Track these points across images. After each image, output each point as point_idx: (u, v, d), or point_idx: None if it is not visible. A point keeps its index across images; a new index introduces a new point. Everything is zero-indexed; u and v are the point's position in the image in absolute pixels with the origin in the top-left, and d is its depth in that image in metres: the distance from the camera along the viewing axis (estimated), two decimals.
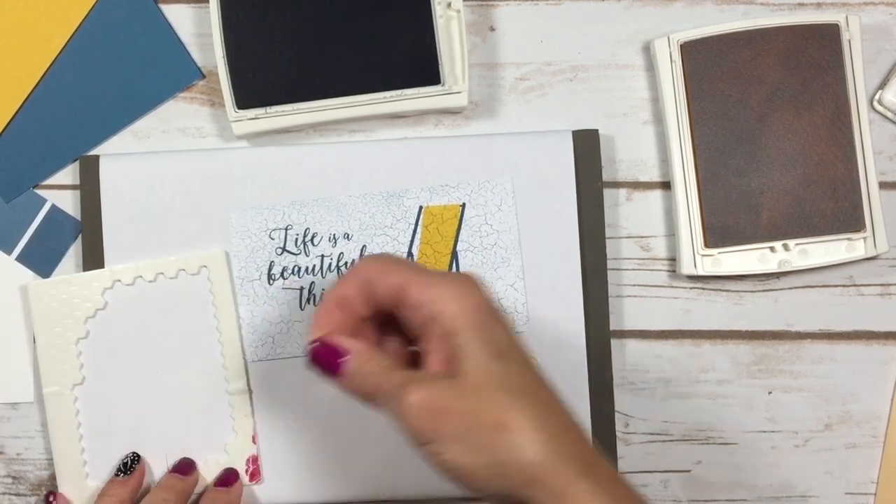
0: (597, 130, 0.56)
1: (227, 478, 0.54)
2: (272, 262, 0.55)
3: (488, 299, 0.42)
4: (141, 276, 0.55)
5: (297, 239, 0.55)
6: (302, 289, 0.55)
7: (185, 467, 0.54)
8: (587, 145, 0.56)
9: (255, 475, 0.54)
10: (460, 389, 0.40)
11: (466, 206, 0.56)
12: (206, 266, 0.55)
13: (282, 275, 0.55)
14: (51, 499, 0.54)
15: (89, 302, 0.54)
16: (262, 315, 0.55)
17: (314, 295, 0.55)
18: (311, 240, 0.55)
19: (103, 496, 0.53)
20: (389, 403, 0.41)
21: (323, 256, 0.55)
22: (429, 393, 0.40)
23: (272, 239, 0.55)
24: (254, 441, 0.54)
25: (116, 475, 0.54)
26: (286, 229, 0.55)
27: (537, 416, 0.40)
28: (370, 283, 0.43)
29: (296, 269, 0.55)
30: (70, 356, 0.54)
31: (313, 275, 0.55)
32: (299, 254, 0.55)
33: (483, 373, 0.40)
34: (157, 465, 0.55)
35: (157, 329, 0.55)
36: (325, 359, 0.43)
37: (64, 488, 0.54)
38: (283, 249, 0.55)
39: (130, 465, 0.54)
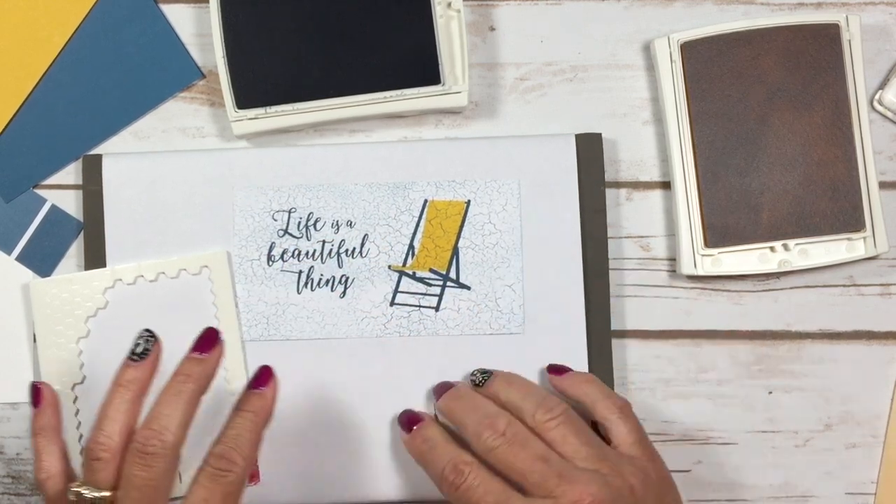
0: (600, 134, 0.56)
1: (261, 377, 0.49)
2: (273, 243, 0.56)
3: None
4: (142, 276, 0.55)
5: (299, 222, 0.56)
6: (300, 272, 0.55)
7: (205, 343, 0.48)
8: (590, 149, 0.56)
9: (254, 476, 0.54)
10: None
11: (471, 203, 0.56)
12: (207, 266, 0.55)
13: (281, 257, 0.56)
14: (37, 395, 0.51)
15: (90, 301, 0.54)
16: (258, 295, 0.55)
17: (312, 279, 0.55)
18: (314, 224, 0.55)
19: (119, 386, 0.47)
20: None
21: (324, 242, 0.55)
22: None
23: (275, 220, 0.56)
24: None
25: (131, 359, 0.47)
26: (290, 212, 0.55)
27: None
28: None
29: (296, 252, 0.56)
30: (71, 355, 0.54)
31: (313, 259, 0.55)
32: (301, 237, 0.55)
33: None
34: None
35: (158, 329, 0.54)
36: None
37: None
38: (285, 232, 0.55)
39: (145, 348, 0.48)
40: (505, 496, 0.47)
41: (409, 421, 0.53)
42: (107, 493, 0.45)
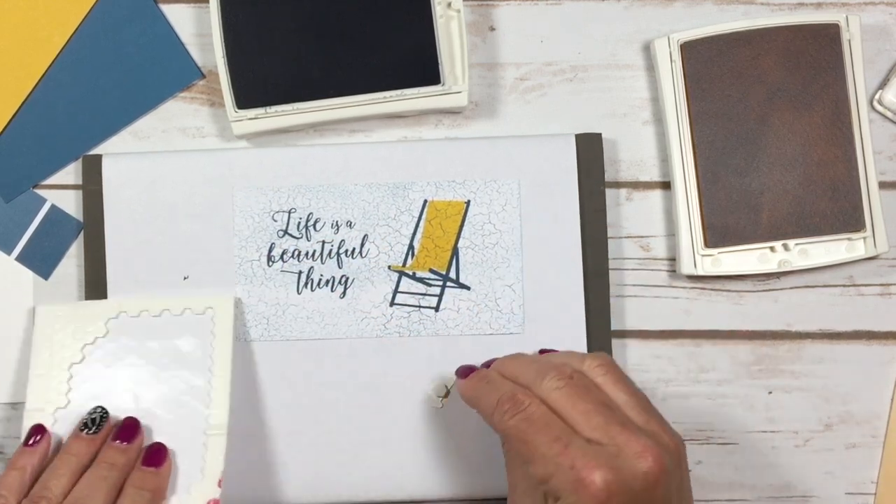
0: (600, 134, 0.56)
1: (155, 455, 0.52)
2: (273, 244, 0.56)
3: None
4: (146, 310, 0.54)
5: (299, 223, 0.56)
6: (300, 273, 0.55)
7: (127, 431, 0.52)
8: (590, 149, 0.56)
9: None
10: None
11: (471, 203, 0.56)
12: (212, 308, 0.54)
13: (281, 257, 0.56)
14: (38, 434, 0.52)
15: (91, 328, 0.54)
16: (258, 296, 0.55)
17: (312, 280, 0.55)
18: (314, 225, 0.56)
19: (70, 454, 0.51)
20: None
21: (324, 242, 0.56)
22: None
23: (275, 221, 0.56)
24: (219, 485, 0.52)
25: (81, 430, 0.52)
26: (289, 212, 0.56)
27: None
28: None
29: (296, 252, 0.56)
30: (60, 381, 0.54)
31: (313, 260, 0.55)
32: (300, 238, 0.56)
33: None
34: None
35: (151, 362, 0.54)
36: None
37: None
38: (285, 232, 0.56)
39: (98, 422, 0.52)
40: (567, 434, 0.43)
41: (468, 369, 0.51)
42: None
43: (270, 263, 0.56)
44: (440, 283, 0.55)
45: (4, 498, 0.49)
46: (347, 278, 0.55)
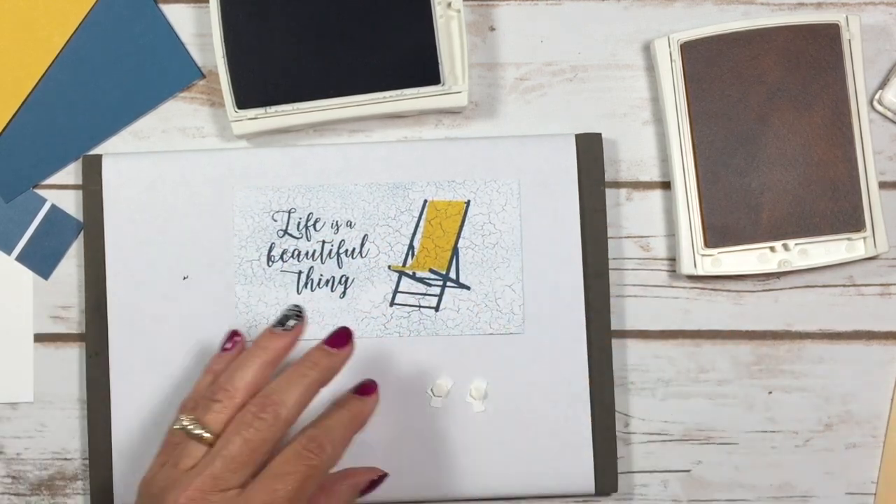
0: (600, 134, 0.56)
1: (366, 387, 0.51)
2: (273, 243, 0.56)
3: None
4: None
5: (299, 223, 0.56)
6: (300, 273, 0.55)
7: (338, 339, 0.50)
8: (590, 149, 0.56)
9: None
10: None
11: (471, 203, 0.56)
12: None
13: (281, 257, 0.56)
14: (234, 338, 0.52)
15: None
16: (258, 295, 0.55)
17: (312, 280, 0.55)
18: (314, 225, 0.56)
19: (259, 347, 0.49)
20: None
21: (324, 242, 0.56)
22: None
23: (274, 220, 0.56)
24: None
25: (275, 328, 0.50)
26: (289, 212, 0.56)
27: None
28: None
29: (296, 252, 0.56)
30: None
31: (312, 260, 0.55)
32: (300, 238, 0.56)
33: None
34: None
35: None
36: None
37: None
38: (285, 232, 0.56)
39: (294, 322, 0.50)
40: None
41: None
42: (208, 436, 0.46)
43: (270, 263, 0.56)
44: (440, 283, 0.55)
45: (194, 401, 0.49)
46: (347, 278, 0.55)
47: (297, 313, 0.51)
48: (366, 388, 0.51)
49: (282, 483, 0.45)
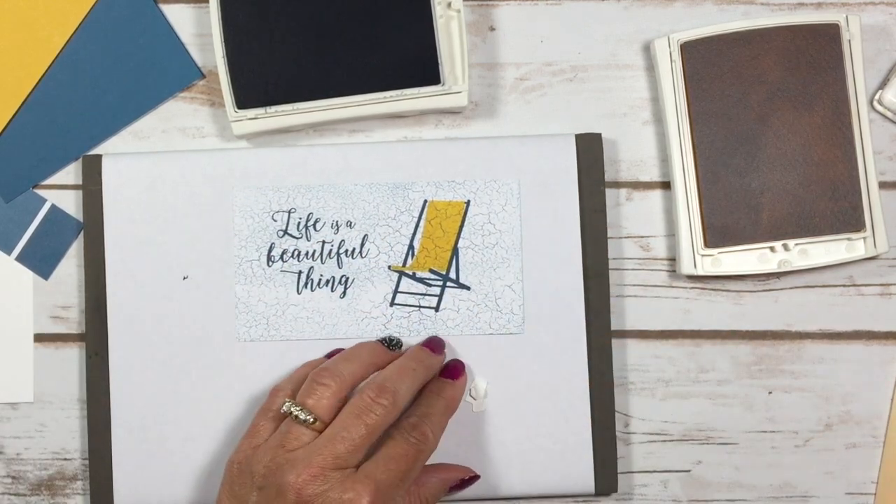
0: (600, 134, 0.56)
1: (453, 369, 0.53)
2: (273, 243, 0.56)
3: None
4: None
5: (299, 223, 0.56)
6: (300, 273, 0.55)
7: (435, 345, 0.54)
8: (590, 149, 0.56)
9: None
10: None
11: (471, 203, 0.56)
12: None
13: (281, 257, 0.56)
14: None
15: None
16: (258, 296, 0.55)
17: (312, 280, 0.55)
18: (314, 225, 0.56)
19: (364, 349, 0.52)
20: None
21: (324, 242, 0.56)
22: None
23: (274, 220, 0.56)
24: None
25: (382, 342, 0.54)
26: (289, 212, 0.56)
27: None
28: None
29: (296, 252, 0.56)
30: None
31: (312, 260, 0.55)
32: (300, 238, 0.56)
33: None
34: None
35: None
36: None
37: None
38: (285, 232, 0.56)
39: (395, 343, 0.54)
40: None
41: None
42: (315, 422, 0.48)
43: (270, 263, 0.56)
44: (440, 283, 0.55)
45: (292, 386, 0.51)
46: (347, 278, 0.55)
47: (400, 344, 0.54)
48: (454, 371, 0.53)
49: (395, 464, 0.47)
